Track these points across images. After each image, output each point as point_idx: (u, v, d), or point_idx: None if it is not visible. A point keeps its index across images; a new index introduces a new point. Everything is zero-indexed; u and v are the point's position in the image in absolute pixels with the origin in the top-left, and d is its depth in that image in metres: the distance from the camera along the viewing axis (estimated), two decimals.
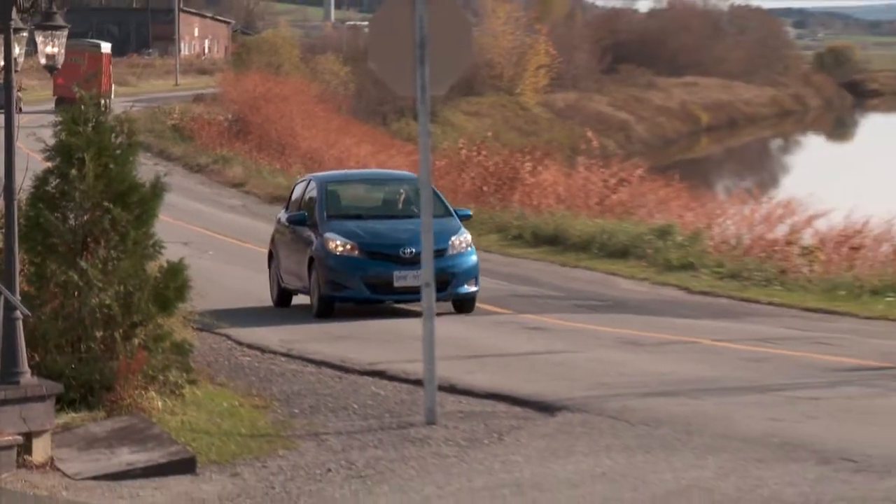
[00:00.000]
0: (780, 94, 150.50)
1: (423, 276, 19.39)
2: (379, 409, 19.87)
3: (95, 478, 15.65)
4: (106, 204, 18.57)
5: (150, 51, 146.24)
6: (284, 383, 22.26)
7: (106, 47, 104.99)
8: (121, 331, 18.32)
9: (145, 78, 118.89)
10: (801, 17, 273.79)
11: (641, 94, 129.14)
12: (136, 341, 18.37)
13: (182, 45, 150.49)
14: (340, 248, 29.10)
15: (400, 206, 31.58)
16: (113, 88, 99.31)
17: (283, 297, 31.66)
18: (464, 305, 29.39)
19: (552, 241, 42.94)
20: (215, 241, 43.48)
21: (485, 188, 53.61)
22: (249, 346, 25.77)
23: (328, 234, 29.24)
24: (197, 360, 20.43)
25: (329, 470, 16.19)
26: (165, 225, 20.68)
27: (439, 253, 26.39)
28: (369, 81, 73.49)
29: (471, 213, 32.56)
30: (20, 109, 60.66)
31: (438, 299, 24.53)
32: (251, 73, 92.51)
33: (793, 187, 60.75)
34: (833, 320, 26.95)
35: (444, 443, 17.22)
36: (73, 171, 18.56)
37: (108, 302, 18.17)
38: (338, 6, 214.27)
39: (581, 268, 38.71)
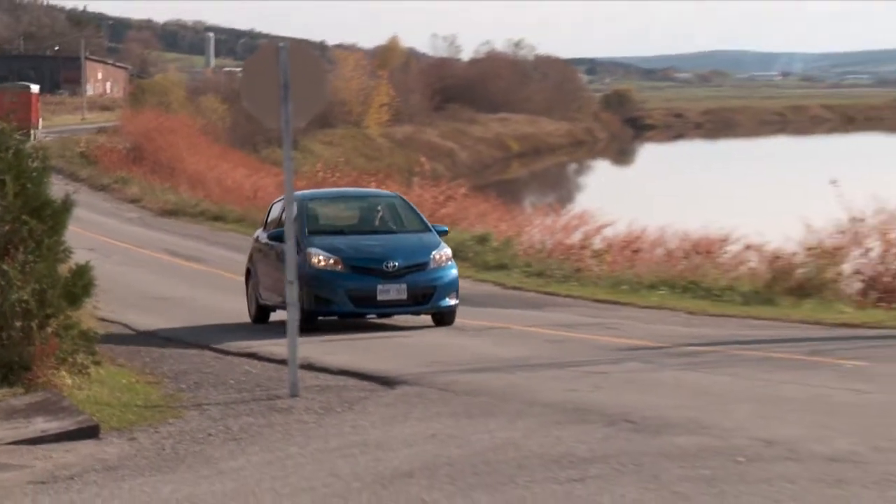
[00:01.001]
0: (574, 128, 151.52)
1: (288, 275, 19.31)
2: (251, 384, 19.80)
3: (15, 442, 15.47)
4: (24, 217, 18.44)
5: (62, 91, 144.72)
6: (173, 364, 22.15)
7: (35, 88, 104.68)
8: (37, 321, 18.16)
9: (58, 114, 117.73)
10: (592, 66, 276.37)
11: (464, 128, 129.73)
12: (49, 330, 18.21)
13: (88, 86, 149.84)
14: (323, 263, 25.17)
15: (378, 221, 27.62)
16: (41, 121, 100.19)
17: (261, 313, 27.28)
18: (444, 318, 25.77)
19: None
20: (117, 247, 43.14)
21: None
22: (145, 333, 25.65)
23: (311, 249, 25.27)
24: (100, 345, 20.22)
25: (210, 434, 16.11)
26: (74, 234, 20.49)
27: (421, 267, 25.20)
28: (243, 116, 73.09)
29: (447, 229, 28.78)
30: None
31: (421, 312, 25.39)
32: (145, 109, 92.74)
33: (585, 202, 61.12)
34: (618, 309, 27.18)
35: (304, 411, 17.20)
36: None
37: (25, 298, 18.00)
38: (217, 55, 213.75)
39: None
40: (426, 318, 25.69)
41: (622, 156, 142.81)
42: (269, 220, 28.38)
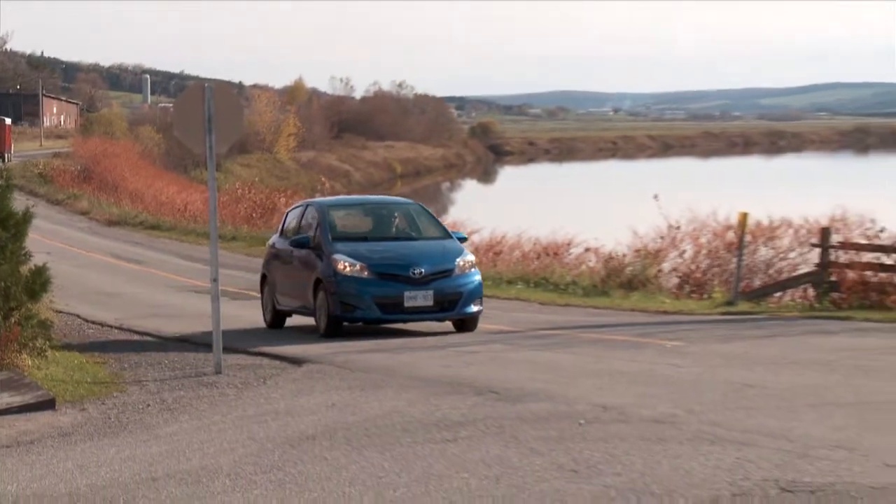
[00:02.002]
0: (447, 153, 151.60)
1: (212, 272, 19.16)
2: (183, 364, 19.63)
3: None
4: None
5: (23, 123, 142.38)
6: (117, 347, 21.92)
7: (8, 120, 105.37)
8: (1, 313, 17.94)
9: (19, 141, 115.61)
10: (461, 102, 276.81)
11: (357, 153, 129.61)
12: (12, 320, 17.99)
13: (45, 118, 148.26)
14: (349, 269, 21.36)
15: (399, 228, 23.53)
16: (13, 147, 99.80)
17: (277, 318, 24.02)
18: (466, 324, 21.96)
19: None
20: (70, 251, 42.64)
21: (254, 215, 53.58)
22: (94, 323, 25.33)
23: (336, 256, 21.58)
24: (56, 332, 20.01)
25: (148, 405, 15.99)
26: (33, 240, 20.27)
27: (447, 273, 21.54)
28: (174, 144, 72.33)
29: (466, 236, 25.25)
30: None
31: (447, 318, 21.89)
32: (93, 138, 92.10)
33: (456, 213, 61.32)
34: (484, 301, 27.18)
35: (226, 386, 17.10)
36: None
37: None
38: (152, 93, 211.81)
39: None
40: None
41: (486, 176, 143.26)
42: (285, 227, 24.77)
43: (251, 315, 25.26)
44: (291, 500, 9.81)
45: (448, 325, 22.09)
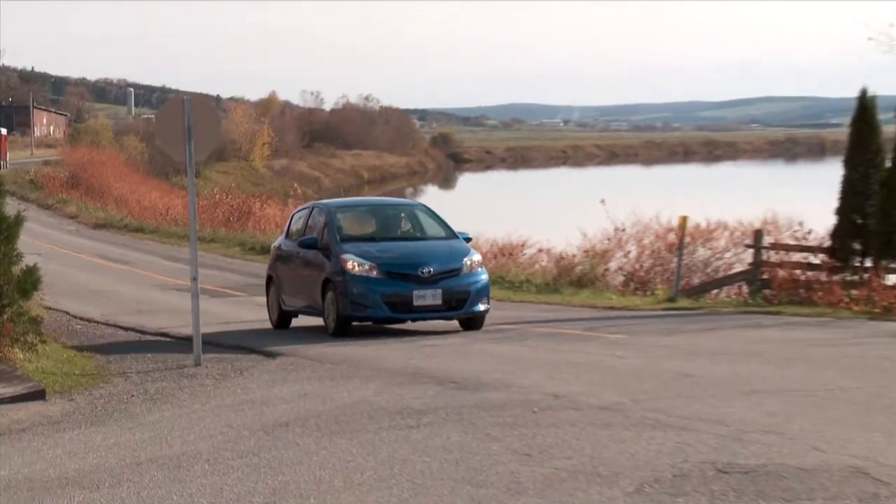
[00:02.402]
0: (410, 161, 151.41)
1: (192, 271, 19.11)
2: (165, 356, 19.58)
3: None
4: None
5: (15, 133, 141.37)
6: (103, 341, 21.85)
7: (3, 131, 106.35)
8: None
9: (12, 150, 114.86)
10: (423, 114, 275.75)
11: (327, 161, 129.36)
12: (5, 317, 17.89)
13: (35, 129, 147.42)
14: (358, 269, 19.93)
15: (405, 228, 22.04)
16: (8, 156, 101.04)
17: (283, 319, 22.55)
18: (473, 322, 20.66)
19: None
20: (59, 252, 42.37)
21: (230, 218, 53.28)
22: (81, 319, 25.21)
23: (345, 256, 20.17)
24: (46, 328, 19.91)
25: (132, 395, 15.94)
26: (25, 242, 20.12)
27: (455, 272, 20.19)
28: (157, 152, 71.97)
29: (471, 236, 22.89)
30: None
31: (455, 317, 20.57)
32: (81, 147, 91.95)
33: None
34: None
35: (206, 377, 17.05)
36: None
37: None
38: (136, 105, 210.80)
39: None
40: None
41: (446, 182, 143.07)
42: (290, 229, 23.26)
43: (229, 311, 25.26)
44: (265, 483, 9.79)
45: (454, 324, 20.91)
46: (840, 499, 8.24)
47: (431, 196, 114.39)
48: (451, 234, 21.59)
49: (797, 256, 27.52)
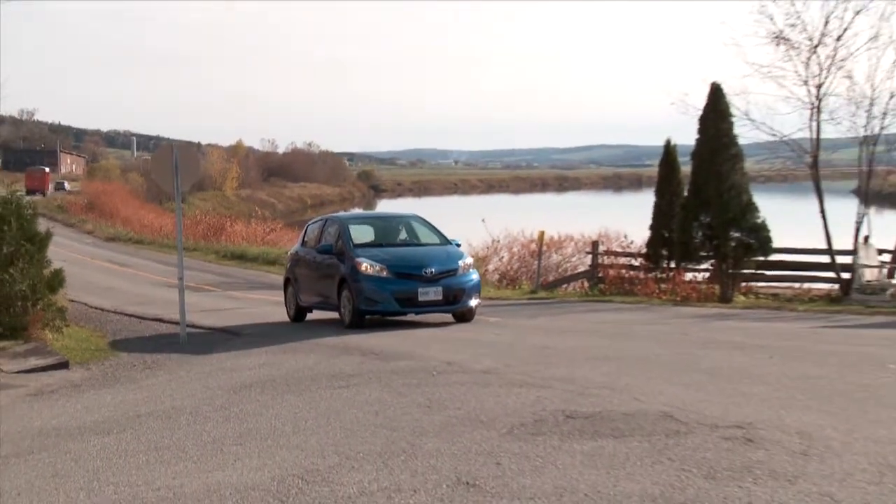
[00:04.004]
0: (342, 191, 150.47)
1: (178, 272, 18.88)
2: (159, 335, 19.36)
3: (18, 372, 14.96)
4: (22, 242, 17.93)
5: (46, 170, 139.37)
6: (112, 325, 21.49)
7: (47, 169, 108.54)
8: (31, 302, 17.66)
9: None
10: (352, 156, 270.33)
11: (280, 191, 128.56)
12: (38, 307, 17.70)
13: (61, 167, 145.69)
14: (370, 270, 17.99)
15: (406, 236, 20.02)
16: (51, 187, 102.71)
17: (299, 313, 20.41)
18: (466, 315, 18.62)
19: (240, 257, 42.26)
20: (79, 259, 41.61)
21: (208, 233, 52.84)
22: (96, 308, 24.80)
23: (358, 259, 18.24)
24: (69, 315, 19.56)
25: (134, 365, 15.71)
26: (52, 251, 19.76)
27: (452, 272, 18.23)
28: (153, 184, 70.96)
29: (460, 242, 20.69)
30: None
31: (451, 311, 18.44)
32: (95, 181, 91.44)
33: None
34: None
35: (190, 351, 16.86)
36: (5, 227, 17.90)
37: (24, 288, 17.47)
38: (138, 149, 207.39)
39: (253, 270, 38.19)
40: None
41: (368, 205, 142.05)
42: (306, 238, 21.08)
43: (206, 302, 24.97)
44: (234, 429, 9.71)
45: (448, 317, 18.80)
46: (653, 435, 8.33)
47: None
48: (445, 241, 19.64)
49: (623, 260, 27.85)
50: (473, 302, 18.49)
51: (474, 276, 18.72)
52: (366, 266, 18.12)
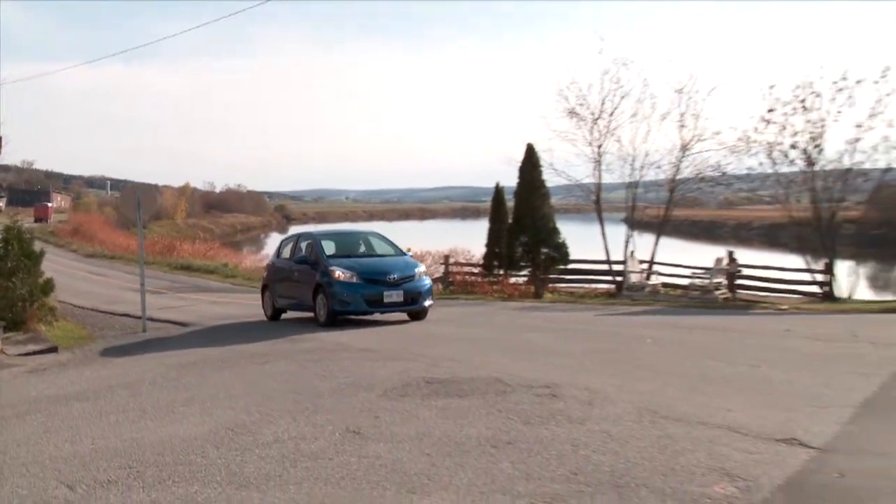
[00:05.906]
0: (263, 220, 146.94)
1: (140, 279, 18.20)
2: (125, 327, 18.57)
3: (19, 355, 14.20)
4: (22, 258, 17.11)
5: (49, 205, 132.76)
6: (91, 319, 20.53)
7: (51, 203, 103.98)
8: (28, 303, 16.82)
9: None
10: (270, 194, 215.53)
11: (217, 220, 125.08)
12: (35, 306, 16.87)
13: (53, 203, 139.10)
14: (343, 276, 15.78)
15: (368, 248, 17.63)
16: (52, 217, 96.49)
17: (276, 313, 17.94)
18: (420, 314, 16.27)
19: (187, 268, 40.99)
20: (66, 271, 39.69)
21: (163, 251, 51.18)
22: (78, 307, 23.69)
23: (332, 267, 16.05)
24: (58, 313, 18.64)
25: (107, 349, 15.06)
26: (45, 266, 18.78)
27: (410, 278, 16.02)
28: (123, 215, 68.28)
29: (411, 253, 19.00)
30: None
31: (410, 310, 16.09)
32: (79, 212, 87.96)
33: (268, 249, 59.73)
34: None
35: (151, 338, 16.24)
36: (9, 247, 17.04)
37: (24, 293, 16.65)
38: (111, 189, 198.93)
39: (197, 277, 37.15)
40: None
41: (282, 230, 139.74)
42: (281, 251, 18.76)
43: (162, 302, 24.13)
44: (182, 396, 9.42)
45: (404, 316, 16.87)
46: (487, 394, 8.42)
47: (273, 237, 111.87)
48: (400, 252, 17.49)
49: (467, 269, 28.07)
50: (427, 302, 16.57)
51: (427, 281, 16.83)
52: (339, 273, 16.17)
